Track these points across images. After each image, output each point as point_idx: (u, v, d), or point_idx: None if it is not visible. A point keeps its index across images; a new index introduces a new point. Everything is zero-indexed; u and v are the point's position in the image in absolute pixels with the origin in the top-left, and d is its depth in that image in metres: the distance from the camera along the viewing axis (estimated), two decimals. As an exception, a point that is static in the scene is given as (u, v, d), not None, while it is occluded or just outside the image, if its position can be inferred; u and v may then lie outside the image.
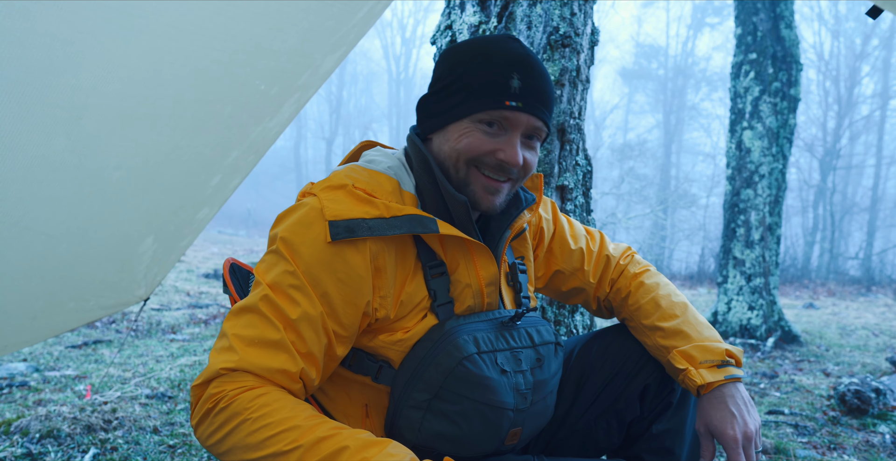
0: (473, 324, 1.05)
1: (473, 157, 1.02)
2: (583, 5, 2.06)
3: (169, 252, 2.06)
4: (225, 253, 11.80)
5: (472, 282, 1.07)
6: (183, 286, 6.64)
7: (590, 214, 2.14)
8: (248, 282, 1.38)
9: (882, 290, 11.18)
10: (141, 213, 1.72)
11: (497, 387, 1.01)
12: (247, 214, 27.14)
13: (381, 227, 0.96)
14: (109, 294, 2.00)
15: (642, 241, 17.05)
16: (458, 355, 0.99)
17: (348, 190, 1.00)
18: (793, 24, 5.40)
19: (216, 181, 1.84)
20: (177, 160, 1.60)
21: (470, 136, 1.01)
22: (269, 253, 0.99)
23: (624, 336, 1.28)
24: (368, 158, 1.11)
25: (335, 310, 0.96)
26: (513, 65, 1.00)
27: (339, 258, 0.95)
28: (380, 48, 34.01)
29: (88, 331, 4.16)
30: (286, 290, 0.94)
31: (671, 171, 24.83)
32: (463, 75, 1.02)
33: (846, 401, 2.96)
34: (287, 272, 0.95)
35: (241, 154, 1.82)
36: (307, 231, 0.96)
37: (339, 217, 0.96)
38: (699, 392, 1.14)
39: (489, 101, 1.00)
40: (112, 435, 2.23)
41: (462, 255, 1.06)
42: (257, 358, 0.92)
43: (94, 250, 1.72)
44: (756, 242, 5.33)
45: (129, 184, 1.55)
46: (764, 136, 5.33)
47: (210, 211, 2.02)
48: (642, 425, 1.24)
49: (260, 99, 1.61)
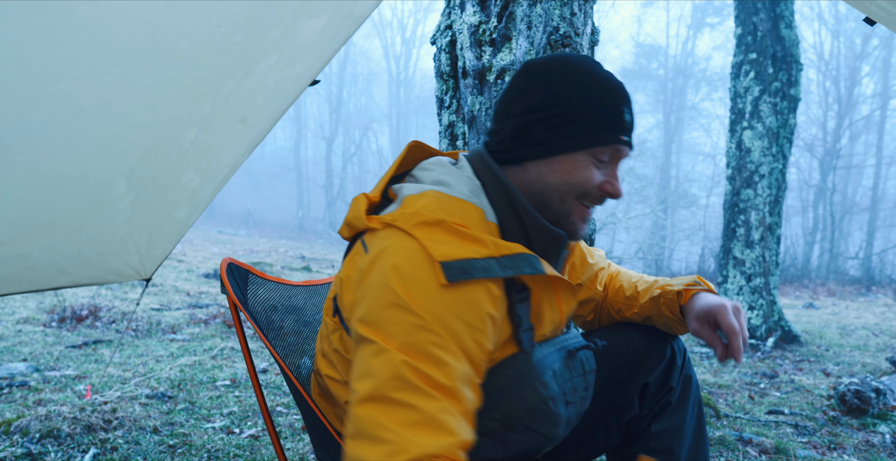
0: (552, 355, 1.03)
1: (585, 191, 1.00)
2: (583, 5, 2.06)
3: (157, 218, 2.03)
4: (225, 253, 11.80)
5: (555, 317, 1.05)
6: (183, 286, 6.64)
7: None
8: (245, 281, 1.38)
9: (882, 290, 11.18)
10: (106, 153, 1.66)
11: (560, 422, 1.02)
12: (247, 214, 27.13)
13: (494, 267, 0.88)
14: (95, 252, 1.97)
15: (642, 241, 17.04)
16: (545, 394, 0.97)
17: (447, 227, 0.89)
18: (793, 24, 5.40)
19: (192, 135, 1.79)
20: (138, 100, 1.55)
21: (586, 170, 0.99)
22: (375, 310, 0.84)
23: (623, 335, 1.29)
24: (438, 178, 1.01)
25: (473, 357, 0.85)
26: (623, 98, 1.00)
27: (463, 299, 0.85)
28: (380, 48, 34.01)
29: (88, 331, 4.16)
30: (427, 349, 0.81)
31: (671, 170, 24.82)
32: (578, 106, 0.97)
33: (846, 401, 2.96)
34: (419, 327, 0.81)
35: (218, 110, 1.77)
36: (420, 274, 0.84)
37: (451, 257, 0.85)
38: (681, 305, 1.18)
39: (610, 135, 0.98)
40: (112, 435, 2.23)
41: (545, 289, 1.02)
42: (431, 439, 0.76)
43: (61, 190, 1.65)
44: (756, 242, 5.33)
45: (93, 125, 1.52)
46: (764, 136, 5.33)
47: (198, 177, 1.98)
48: (641, 424, 1.24)
49: (223, 44, 1.55)
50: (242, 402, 2.76)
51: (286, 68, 1.82)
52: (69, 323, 4.31)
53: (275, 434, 1.27)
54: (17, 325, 4.19)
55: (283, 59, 1.77)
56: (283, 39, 1.69)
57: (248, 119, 1.90)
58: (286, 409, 2.70)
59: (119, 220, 1.93)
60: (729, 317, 1.08)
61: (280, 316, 1.40)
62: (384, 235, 0.90)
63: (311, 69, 1.93)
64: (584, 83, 0.99)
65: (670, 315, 1.21)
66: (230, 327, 4.58)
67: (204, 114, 1.74)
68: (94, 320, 4.41)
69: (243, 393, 2.92)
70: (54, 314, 4.45)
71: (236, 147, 2.00)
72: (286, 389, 3.01)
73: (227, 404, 2.72)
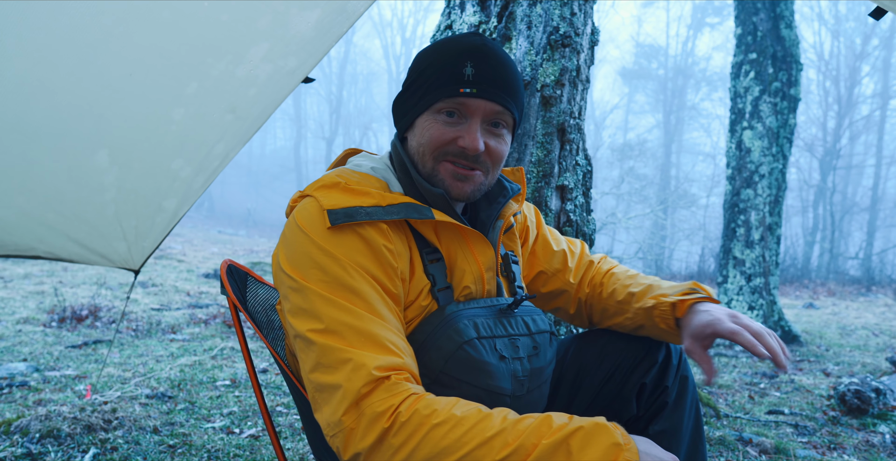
0: (473, 309, 1.06)
1: (437, 148, 1.04)
2: (583, 5, 2.05)
3: (146, 205, 2.02)
4: (225, 253, 11.81)
5: (472, 268, 1.08)
6: (183, 286, 6.64)
7: (590, 214, 2.14)
8: (245, 283, 1.38)
9: (882, 290, 11.18)
10: (82, 112, 1.65)
11: (496, 373, 1.02)
12: (247, 214, 27.15)
13: (379, 213, 0.98)
14: (78, 227, 1.96)
15: (642, 241, 17.04)
16: (459, 339, 1.00)
17: (342, 187, 1.01)
18: (793, 24, 5.40)
19: (178, 116, 1.80)
20: (116, 63, 1.55)
21: (432, 128, 1.04)
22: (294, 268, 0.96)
23: (620, 335, 1.29)
24: (354, 163, 1.13)
25: (385, 286, 0.97)
26: (465, 54, 1.02)
27: (359, 237, 0.95)
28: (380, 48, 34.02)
29: (88, 331, 4.16)
30: (343, 282, 0.92)
31: (671, 170, 24.83)
32: (423, 72, 1.05)
33: (846, 401, 2.96)
34: (324, 268, 0.93)
35: (206, 94, 1.77)
36: (314, 220, 0.97)
37: (337, 206, 0.96)
38: (676, 317, 1.15)
39: (444, 90, 1.02)
40: (112, 435, 2.23)
41: (458, 244, 1.08)
42: (383, 353, 0.89)
43: (37, 145, 1.65)
44: (756, 242, 5.33)
45: (68, 82, 1.52)
46: (764, 136, 5.33)
47: (188, 166, 1.98)
48: (639, 425, 1.24)
49: (207, 20, 1.56)
50: (242, 402, 2.76)
51: (278, 61, 1.82)
52: (69, 323, 4.31)
53: (275, 434, 1.27)
54: (17, 325, 4.19)
55: (275, 50, 1.78)
56: (274, 29, 1.70)
57: (238, 110, 1.90)
58: (286, 409, 2.70)
59: (105, 199, 1.92)
60: (726, 324, 1.06)
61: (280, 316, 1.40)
62: (298, 204, 1.03)
63: (304, 64, 1.93)
64: (431, 50, 1.07)
65: (666, 328, 1.18)
66: (230, 327, 4.58)
67: (190, 94, 1.74)
68: (94, 320, 4.41)
69: (243, 393, 2.92)
70: (54, 314, 4.46)
71: (227, 139, 1.99)
72: (286, 389, 3.01)
73: (227, 404, 2.72)
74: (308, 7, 1.68)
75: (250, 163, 39.15)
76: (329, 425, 0.87)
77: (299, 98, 32.94)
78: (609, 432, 0.80)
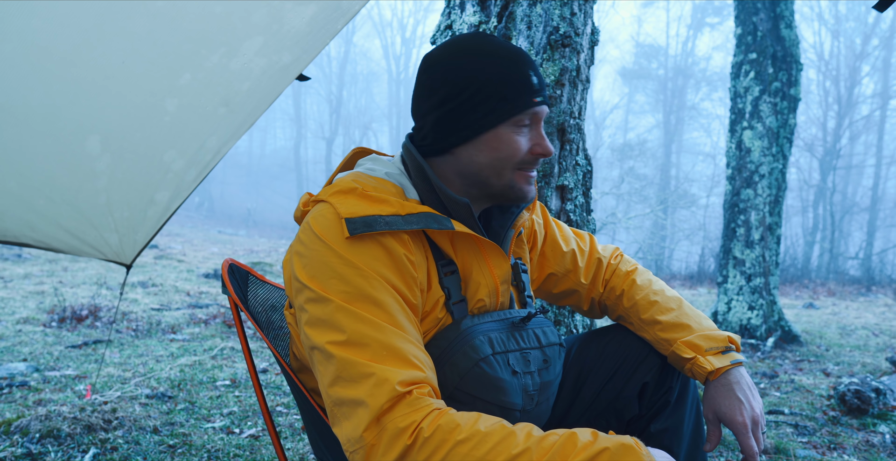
0: (487, 323, 1.05)
1: (520, 159, 1.03)
2: (583, 5, 2.06)
3: (138, 196, 2.02)
4: (225, 253, 11.81)
5: (487, 281, 1.07)
6: (183, 286, 6.64)
7: (590, 214, 2.14)
8: (246, 282, 1.39)
9: (882, 290, 11.18)
10: (74, 97, 1.64)
11: (508, 389, 1.02)
12: (247, 214, 27.16)
13: (398, 222, 0.95)
14: (70, 215, 1.95)
15: (642, 241, 17.04)
16: (476, 357, 0.99)
17: (359, 193, 0.99)
18: (793, 24, 5.40)
19: (172, 107, 1.79)
20: (108, 50, 1.54)
21: (512, 142, 1.02)
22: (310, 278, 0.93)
23: (622, 335, 1.29)
24: (367, 167, 1.10)
25: (406, 296, 0.96)
26: (524, 63, 1.03)
27: (380, 246, 0.94)
28: (380, 48, 34.03)
29: (88, 331, 4.17)
30: (364, 292, 0.90)
31: (671, 170, 24.83)
32: (485, 84, 1.00)
33: (846, 401, 2.96)
34: (344, 278, 0.91)
35: (199, 86, 1.76)
36: (331, 228, 0.94)
37: (355, 214, 0.94)
38: (708, 379, 1.17)
39: (523, 101, 1.01)
40: (112, 435, 2.23)
41: (474, 255, 1.06)
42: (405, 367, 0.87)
43: (28, 127, 1.64)
44: (756, 242, 5.33)
45: (60, 67, 1.51)
46: (764, 136, 5.33)
47: (180, 159, 1.96)
48: (641, 424, 1.24)
49: (200, 11, 1.55)
50: (242, 402, 2.76)
51: (273, 56, 1.81)
52: (69, 323, 4.31)
53: (275, 434, 1.27)
54: (17, 325, 4.19)
55: (270, 45, 1.77)
56: (269, 23, 1.69)
57: (232, 104, 1.89)
58: (286, 409, 2.70)
59: (97, 187, 1.91)
60: (748, 441, 1.10)
61: (280, 315, 1.40)
62: (312, 209, 1.01)
63: (298, 61, 1.93)
64: (484, 61, 1.02)
65: (693, 377, 1.21)
66: (230, 327, 4.58)
67: (183, 84, 1.74)
68: (94, 320, 4.41)
69: (243, 393, 2.92)
70: (54, 314, 4.46)
71: (220, 133, 1.98)
72: (286, 389, 3.01)
73: (227, 404, 2.72)
74: (303, 3, 1.68)
75: (250, 163, 39.16)
76: (349, 441, 0.85)
77: (299, 98, 32.95)
78: (636, 453, 0.80)
